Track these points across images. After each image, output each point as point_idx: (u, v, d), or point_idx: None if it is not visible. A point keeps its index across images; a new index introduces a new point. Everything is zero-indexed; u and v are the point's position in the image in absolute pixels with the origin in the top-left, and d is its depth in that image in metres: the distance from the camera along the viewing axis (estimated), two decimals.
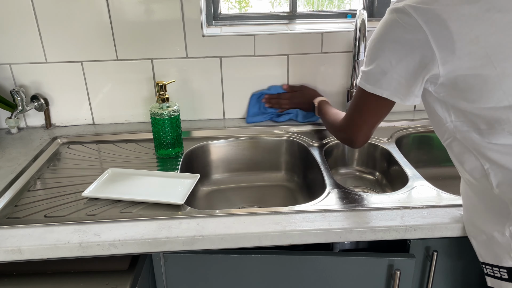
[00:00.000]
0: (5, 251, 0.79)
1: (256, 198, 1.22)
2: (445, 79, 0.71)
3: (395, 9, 0.73)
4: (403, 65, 0.73)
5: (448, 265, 0.92)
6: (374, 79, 0.78)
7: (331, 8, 1.48)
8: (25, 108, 1.25)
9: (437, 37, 0.69)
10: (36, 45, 1.24)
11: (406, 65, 0.73)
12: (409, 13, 0.70)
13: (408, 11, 0.70)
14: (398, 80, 0.75)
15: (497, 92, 0.68)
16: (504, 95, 0.68)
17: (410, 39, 0.71)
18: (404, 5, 0.71)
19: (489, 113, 0.70)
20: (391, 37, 0.73)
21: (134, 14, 1.22)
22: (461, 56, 0.68)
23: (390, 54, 0.74)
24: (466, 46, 0.67)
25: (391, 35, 0.73)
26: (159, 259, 0.87)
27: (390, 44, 0.74)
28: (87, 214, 0.89)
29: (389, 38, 0.74)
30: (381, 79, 0.77)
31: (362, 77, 0.80)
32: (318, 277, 0.87)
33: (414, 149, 1.30)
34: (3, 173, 1.05)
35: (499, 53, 0.67)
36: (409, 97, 0.77)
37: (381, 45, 0.76)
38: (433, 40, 0.69)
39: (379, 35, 0.76)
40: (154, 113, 1.11)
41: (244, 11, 1.47)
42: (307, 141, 1.23)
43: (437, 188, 0.96)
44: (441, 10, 0.68)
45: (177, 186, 0.99)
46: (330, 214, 0.87)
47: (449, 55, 0.69)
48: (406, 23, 0.70)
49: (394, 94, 0.77)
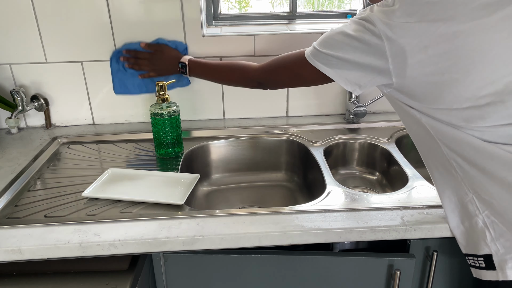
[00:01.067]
0: (5, 251, 0.79)
1: (256, 198, 1.22)
2: (398, 86, 0.76)
3: (360, 16, 0.79)
4: (356, 61, 0.78)
5: (448, 265, 0.92)
6: (326, 60, 0.82)
7: (331, 8, 1.48)
8: (25, 108, 1.25)
9: (392, 47, 0.73)
10: (36, 45, 1.24)
11: (359, 61, 0.78)
12: (372, 22, 0.75)
13: (371, 19, 0.75)
14: (348, 68, 0.80)
15: (447, 95, 0.72)
16: (455, 98, 0.72)
17: (369, 40, 0.75)
18: (368, 14, 0.77)
19: (443, 113, 0.74)
20: (353, 33, 0.78)
21: (134, 14, 1.22)
22: (412, 64, 0.72)
23: (348, 47, 0.79)
24: (416, 55, 0.72)
25: (353, 33, 0.78)
26: (159, 259, 0.87)
27: (349, 38, 0.78)
28: (87, 214, 0.89)
29: (350, 34, 0.78)
30: (332, 62, 0.81)
31: (314, 54, 0.85)
32: (318, 277, 0.87)
33: (414, 149, 1.28)
34: (3, 173, 1.05)
35: (446, 60, 0.70)
36: (353, 86, 0.82)
37: (341, 37, 0.80)
38: (388, 49, 0.74)
39: (343, 28, 0.81)
40: (154, 113, 1.11)
41: (244, 11, 1.47)
42: (307, 141, 1.23)
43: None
44: (397, 26, 0.73)
45: (177, 186, 0.99)
46: (330, 214, 0.87)
47: (401, 63, 0.73)
48: (368, 28, 0.76)
49: (339, 76, 0.82)
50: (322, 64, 0.83)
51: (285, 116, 1.39)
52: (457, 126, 0.73)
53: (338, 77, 0.82)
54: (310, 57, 0.85)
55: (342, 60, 0.80)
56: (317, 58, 0.84)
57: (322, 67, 0.83)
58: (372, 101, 1.31)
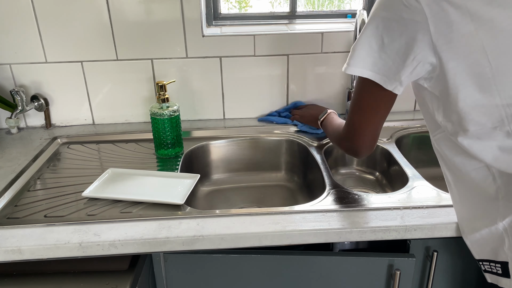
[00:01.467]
0: (5, 251, 0.79)
1: (256, 198, 1.22)
2: (440, 71, 0.69)
3: None
4: (395, 46, 0.70)
5: (448, 265, 0.92)
6: (359, 58, 0.74)
7: (331, 8, 1.48)
8: (25, 108, 1.25)
9: (437, 23, 0.67)
10: (36, 45, 1.24)
11: (397, 46, 0.70)
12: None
13: None
14: (386, 61, 0.72)
15: (490, 87, 0.68)
16: (497, 91, 0.67)
17: (407, 19, 0.68)
18: None
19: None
20: (388, 14, 0.70)
21: (134, 14, 1.22)
22: (458, 47, 0.67)
23: (384, 32, 0.71)
24: (463, 37, 0.66)
25: (388, 13, 0.70)
26: (159, 259, 0.87)
27: (385, 22, 0.71)
28: (87, 214, 0.89)
29: (385, 15, 0.71)
30: (367, 58, 0.73)
31: (348, 57, 0.77)
32: (318, 277, 0.87)
33: (414, 149, 1.30)
34: (3, 173, 1.05)
35: (495, 48, 0.66)
36: (394, 82, 0.73)
37: (375, 21, 0.72)
38: (432, 24, 0.67)
39: (375, 11, 0.73)
40: (154, 113, 1.11)
41: (244, 11, 1.47)
42: (307, 141, 1.23)
43: (437, 188, 0.96)
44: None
45: (177, 186, 0.99)
46: (330, 214, 0.87)
47: (445, 44, 0.67)
48: (407, 3, 0.68)
49: (377, 74, 0.73)
50: (354, 66, 0.75)
51: None
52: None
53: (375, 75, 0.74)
54: (345, 66, 0.78)
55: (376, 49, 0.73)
56: (351, 59, 0.76)
57: (352, 69, 0.76)
58: None
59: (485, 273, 0.78)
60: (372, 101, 0.78)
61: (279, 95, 1.35)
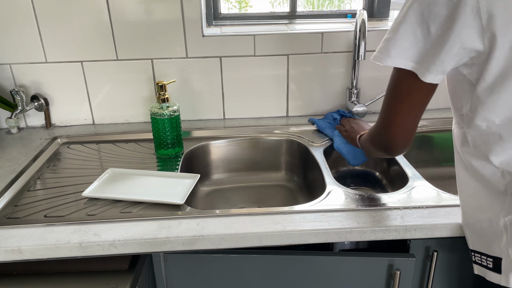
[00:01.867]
0: (5, 251, 0.79)
1: (256, 198, 1.22)
2: (486, 57, 0.63)
3: None
4: (441, 34, 0.64)
5: (448, 265, 0.92)
6: (402, 48, 0.67)
7: (331, 8, 1.48)
8: (25, 108, 1.25)
9: (490, 5, 0.60)
10: (36, 45, 1.24)
11: (445, 35, 0.63)
12: None
13: None
14: (430, 51, 0.65)
15: None
16: None
17: (455, 1, 0.61)
18: None
19: None
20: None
21: (134, 14, 1.22)
22: (507, 35, 0.61)
23: (430, 18, 0.64)
24: None
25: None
26: (159, 259, 0.87)
27: (432, 7, 0.63)
28: (87, 214, 0.89)
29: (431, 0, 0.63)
30: (410, 49, 0.67)
31: (378, 48, 0.70)
32: (318, 277, 0.87)
33: (414, 149, 1.30)
34: (3, 173, 1.05)
35: None
36: (437, 73, 0.66)
37: (420, 7, 0.64)
38: (483, 7, 0.60)
39: None
40: (154, 113, 1.11)
41: (244, 11, 1.47)
42: (307, 141, 1.23)
43: (437, 188, 0.96)
44: None
45: (177, 186, 0.99)
46: (330, 214, 0.87)
47: (499, 30, 0.61)
48: None
49: (421, 66, 0.67)
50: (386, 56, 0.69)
51: (285, 116, 1.39)
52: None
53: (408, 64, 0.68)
54: (375, 55, 0.72)
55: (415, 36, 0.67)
56: (383, 49, 0.70)
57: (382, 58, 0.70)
58: (372, 101, 1.31)
59: (474, 264, 0.79)
60: (411, 91, 0.72)
61: (279, 95, 1.35)
